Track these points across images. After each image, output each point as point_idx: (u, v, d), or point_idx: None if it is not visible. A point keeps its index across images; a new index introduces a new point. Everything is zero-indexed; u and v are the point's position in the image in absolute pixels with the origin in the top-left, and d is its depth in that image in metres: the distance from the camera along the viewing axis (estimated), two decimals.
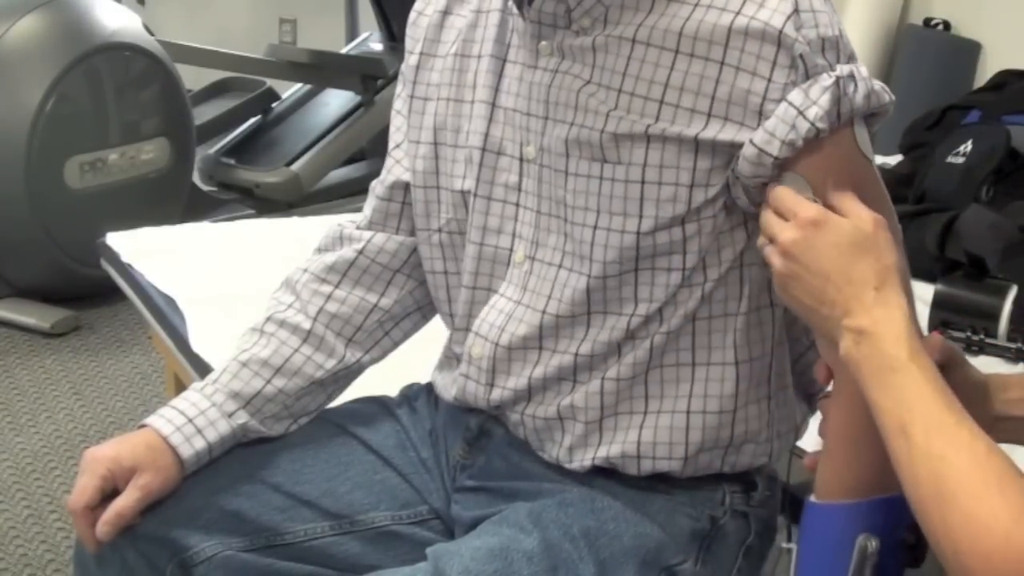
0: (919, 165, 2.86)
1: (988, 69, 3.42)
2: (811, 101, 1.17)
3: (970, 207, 2.50)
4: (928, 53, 3.61)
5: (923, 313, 2.30)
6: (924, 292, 2.38)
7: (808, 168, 1.18)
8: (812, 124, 1.16)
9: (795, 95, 1.17)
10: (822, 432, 1.21)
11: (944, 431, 1.02)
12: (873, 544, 1.13)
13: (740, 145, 1.20)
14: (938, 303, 2.25)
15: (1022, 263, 2.31)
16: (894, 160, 3.11)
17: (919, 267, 2.51)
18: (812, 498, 1.19)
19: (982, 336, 2.19)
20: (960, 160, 2.73)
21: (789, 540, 1.20)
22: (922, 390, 1.04)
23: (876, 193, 1.22)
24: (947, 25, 3.63)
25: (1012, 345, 2.18)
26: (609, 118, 1.23)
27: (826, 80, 1.17)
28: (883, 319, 1.08)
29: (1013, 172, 2.74)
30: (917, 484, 1.02)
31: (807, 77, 1.18)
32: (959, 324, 2.21)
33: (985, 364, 2.17)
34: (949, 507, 0.99)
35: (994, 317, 2.19)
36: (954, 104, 3.09)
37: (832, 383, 1.22)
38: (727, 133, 1.20)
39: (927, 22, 3.67)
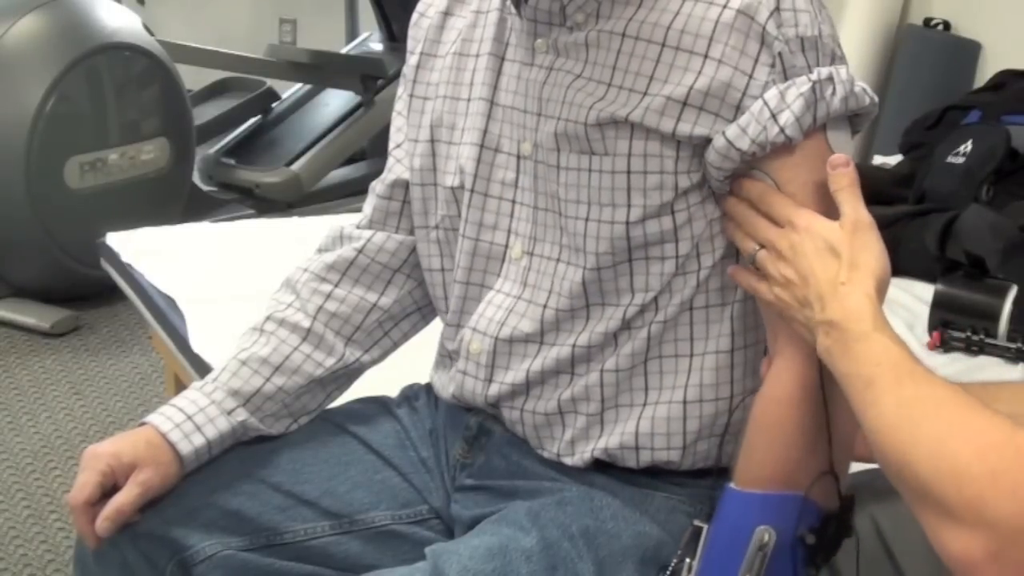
0: (919, 165, 2.86)
1: (988, 69, 3.42)
2: (785, 104, 1.18)
3: (970, 207, 2.50)
4: (928, 53, 3.61)
5: (923, 313, 2.30)
6: (924, 292, 2.39)
7: (777, 169, 1.20)
8: (782, 129, 1.18)
9: (771, 95, 1.19)
10: (747, 422, 1.24)
11: (915, 376, 1.04)
12: (769, 537, 1.15)
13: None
14: (938, 303, 2.25)
15: (1022, 263, 2.31)
16: (894, 160, 3.11)
17: (919, 267, 2.53)
18: (731, 484, 1.21)
19: (982, 336, 2.19)
20: (960, 160, 2.74)
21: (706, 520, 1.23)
22: (889, 349, 1.07)
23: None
24: (947, 25, 3.63)
25: (1012, 345, 2.18)
26: (592, 110, 1.24)
27: (803, 83, 1.19)
28: (849, 307, 1.11)
29: (1013, 172, 2.74)
30: (894, 430, 1.03)
31: (785, 77, 1.19)
32: (959, 324, 2.22)
33: (985, 364, 2.17)
34: (940, 441, 0.99)
35: (994, 317, 2.20)
36: (954, 104, 3.09)
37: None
38: (703, 126, 1.21)
39: (927, 22, 3.67)
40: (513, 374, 1.33)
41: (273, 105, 4.48)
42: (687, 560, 1.21)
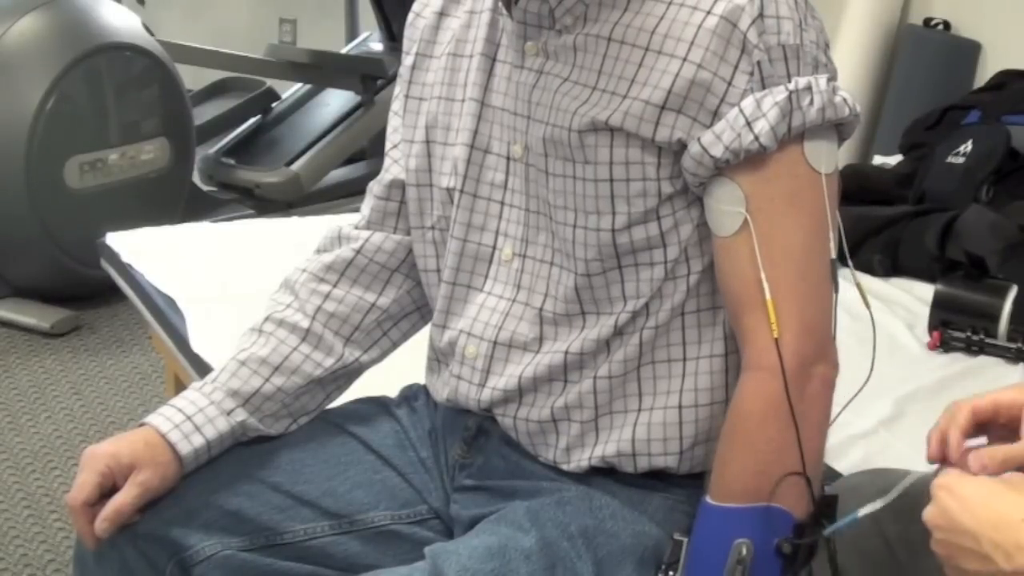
0: (919, 165, 2.86)
1: (988, 69, 3.42)
2: (760, 113, 1.18)
3: (970, 207, 2.51)
4: (928, 53, 3.61)
5: (923, 313, 2.30)
6: (924, 292, 2.39)
7: (749, 179, 1.20)
8: (756, 138, 1.18)
9: (747, 103, 1.19)
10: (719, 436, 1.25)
11: None
12: (747, 549, 1.16)
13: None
14: (938, 303, 2.25)
15: (1022, 263, 2.31)
16: (894, 160, 3.11)
17: (919, 267, 2.54)
18: (707, 498, 1.22)
19: (982, 336, 2.19)
20: (960, 160, 2.74)
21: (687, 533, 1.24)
22: None
23: (811, 209, 1.22)
24: (947, 25, 3.63)
25: (1012, 345, 2.18)
26: (576, 115, 1.25)
27: (780, 92, 1.19)
28: None
29: (1013, 172, 2.74)
30: None
31: (764, 86, 1.19)
32: (959, 324, 2.22)
33: (985, 364, 2.17)
34: None
35: (994, 317, 2.20)
36: (954, 104, 3.09)
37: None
38: (680, 130, 1.21)
39: (927, 22, 3.67)
40: (506, 380, 1.33)
41: (273, 105, 4.48)
42: (671, 574, 1.22)
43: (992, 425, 1.12)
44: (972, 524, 1.03)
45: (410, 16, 1.46)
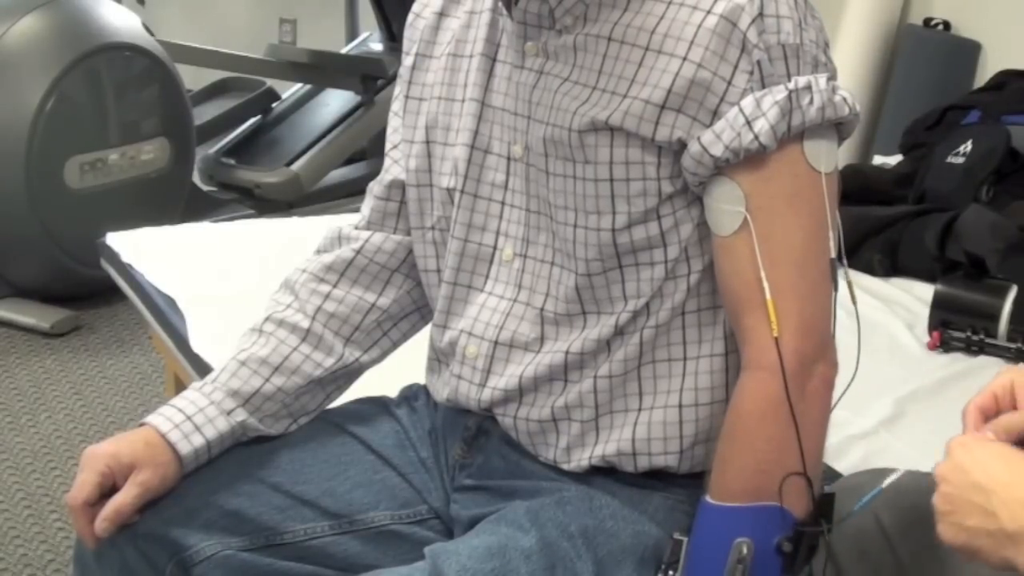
0: (919, 165, 2.86)
1: (988, 69, 3.42)
2: (760, 112, 1.19)
3: (970, 207, 2.51)
4: (928, 53, 3.61)
5: (923, 313, 2.30)
6: (924, 292, 2.39)
7: (748, 178, 1.20)
8: (756, 137, 1.19)
9: (747, 102, 1.19)
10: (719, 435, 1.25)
11: None
12: (747, 549, 1.16)
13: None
14: (938, 303, 2.25)
15: (1022, 263, 2.31)
16: (894, 160, 3.11)
17: (919, 267, 2.54)
18: (707, 497, 1.22)
19: (982, 336, 2.20)
20: (960, 160, 2.74)
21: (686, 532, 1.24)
22: None
23: (811, 208, 1.22)
24: (947, 25, 3.63)
25: (1012, 345, 2.18)
26: (576, 114, 1.25)
27: (780, 91, 1.19)
28: None
29: (1013, 172, 2.74)
30: None
31: (763, 85, 1.20)
32: (959, 324, 2.22)
33: (985, 364, 2.17)
34: None
35: (994, 317, 2.20)
36: (954, 104, 3.09)
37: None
38: (680, 130, 1.21)
39: (927, 22, 3.67)
40: (506, 380, 1.34)
41: (273, 105, 4.48)
42: (670, 573, 1.22)
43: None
44: (985, 480, 1.03)
45: (410, 16, 1.46)
